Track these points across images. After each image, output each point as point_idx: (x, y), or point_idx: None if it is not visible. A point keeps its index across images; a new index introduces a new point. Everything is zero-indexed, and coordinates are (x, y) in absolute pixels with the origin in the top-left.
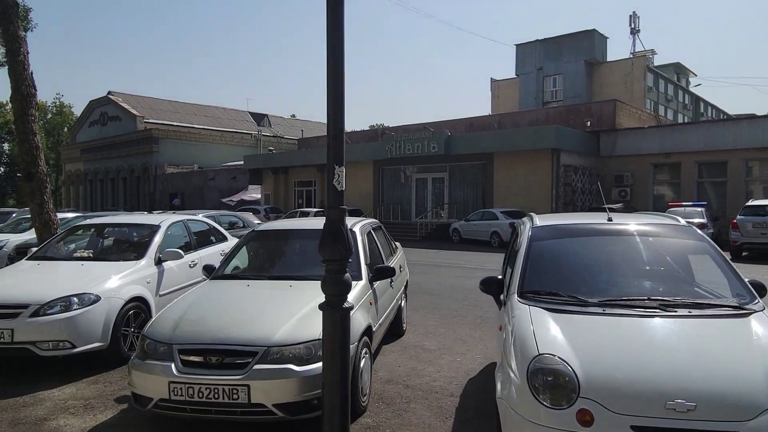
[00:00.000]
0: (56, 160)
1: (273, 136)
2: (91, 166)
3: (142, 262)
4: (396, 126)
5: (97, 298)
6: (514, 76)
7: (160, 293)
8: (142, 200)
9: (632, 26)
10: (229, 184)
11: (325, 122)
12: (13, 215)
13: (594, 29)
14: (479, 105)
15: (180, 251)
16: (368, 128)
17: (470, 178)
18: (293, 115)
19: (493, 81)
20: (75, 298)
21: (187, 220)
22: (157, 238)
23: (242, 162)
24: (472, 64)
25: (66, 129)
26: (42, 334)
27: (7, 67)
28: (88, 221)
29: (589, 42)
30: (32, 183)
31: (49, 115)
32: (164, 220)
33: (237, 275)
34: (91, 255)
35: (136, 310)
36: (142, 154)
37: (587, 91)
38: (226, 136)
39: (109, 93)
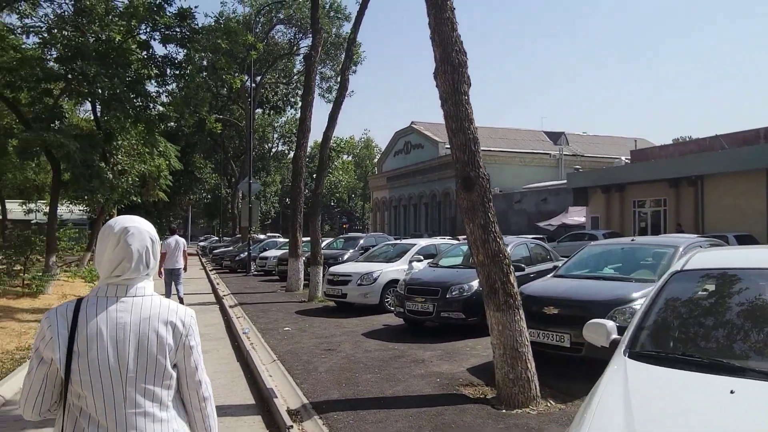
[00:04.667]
0: (363, 189)
1: (572, 155)
2: (396, 193)
3: None
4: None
5: None
6: None
7: None
8: (443, 225)
9: None
10: (538, 207)
11: (637, 137)
12: (360, 241)
13: None
14: None
15: None
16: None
17: None
18: (585, 132)
19: None
20: None
21: None
22: None
23: (551, 183)
24: None
25: (368, 161)
26: None
27: (430, 31)
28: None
29: None
30: (472, 193)
31: (358, 149)
32: None
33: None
34: None
35: None
36: (442, 179)
37: None
38: (525, 158)
39: (412, 123)
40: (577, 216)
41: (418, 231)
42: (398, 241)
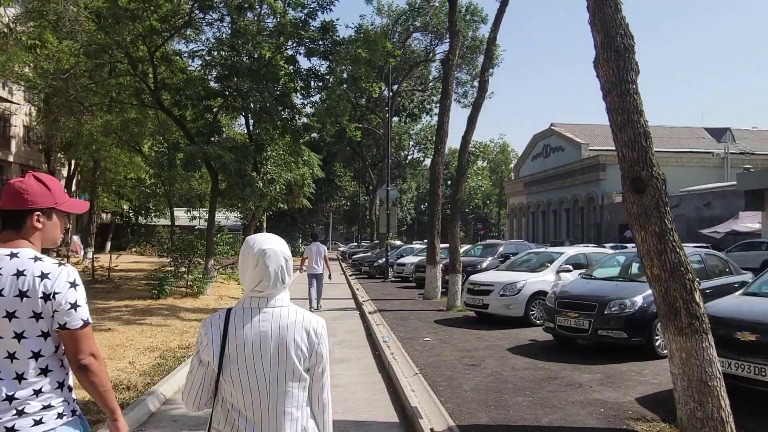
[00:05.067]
0: (499, 195)
1: (740, 153)
2: (534, 199)
3: None
4: None
5: None
6: None
7: None
8: (586, 231)
9: None
10: (700, 212)
11: None
12: (500, 248)
13: None
14: None
15: None
16: None
17: None
18: (755, 127)
19: None
20: None
21: None
22: None
23: (715, 185)
24: None
25: (503, 166)
26: None
27: (589, 15)
28: None
29: None
30: (643, 196)
31: (493, 155)
32: None
33: None
34: None
35: None
36: (586, 183)
37: None
38: (682, 158)
39: (552, 125)
40: (750, 222)
41: (559, 238)
42: (542, 249)
